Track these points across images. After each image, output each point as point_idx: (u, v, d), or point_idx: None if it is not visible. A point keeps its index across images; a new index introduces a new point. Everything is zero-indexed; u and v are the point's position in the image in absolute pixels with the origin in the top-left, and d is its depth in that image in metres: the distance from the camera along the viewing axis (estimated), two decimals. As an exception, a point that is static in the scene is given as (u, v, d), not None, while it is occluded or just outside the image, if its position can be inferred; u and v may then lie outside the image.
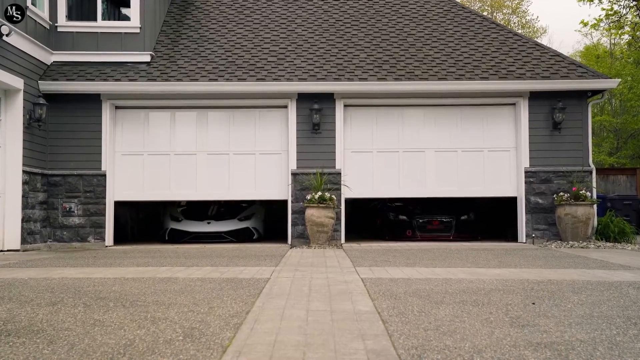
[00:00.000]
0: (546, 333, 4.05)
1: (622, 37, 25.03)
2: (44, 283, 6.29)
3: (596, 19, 22.02)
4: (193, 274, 7.11)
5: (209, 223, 13.72)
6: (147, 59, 13.09)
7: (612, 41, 35.99)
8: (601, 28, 23.41)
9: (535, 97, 12.66)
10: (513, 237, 13.23)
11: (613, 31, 23.18)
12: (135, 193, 12.98)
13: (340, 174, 12.60)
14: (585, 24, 22.67)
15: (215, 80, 12.60)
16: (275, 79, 12.63)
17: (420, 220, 13.53)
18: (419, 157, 13.03)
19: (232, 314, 4.66)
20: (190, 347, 3.64)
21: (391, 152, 13.03)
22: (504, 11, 39.30)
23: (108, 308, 4.87)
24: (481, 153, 13.00)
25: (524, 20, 39.52)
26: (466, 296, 5.50)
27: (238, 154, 12.99)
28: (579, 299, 5.36)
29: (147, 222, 17.52)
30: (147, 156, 12.99)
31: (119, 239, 13.55)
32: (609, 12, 21.41)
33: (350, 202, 18.93)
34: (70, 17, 12.98)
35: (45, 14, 12.43)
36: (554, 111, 12.45)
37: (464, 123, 13.06)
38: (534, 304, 5.13)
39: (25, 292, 5.68)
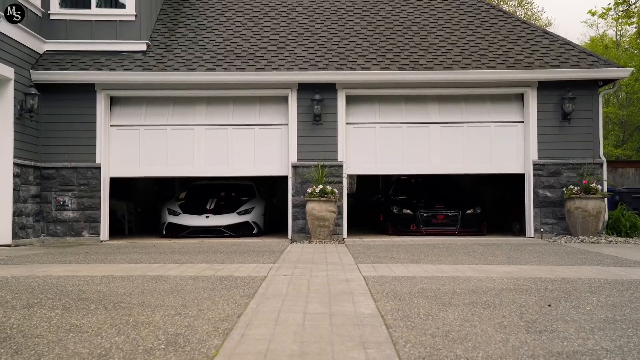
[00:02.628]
0: (567, 340, 3.67)
1: (630, 26, 24.52)
2: (26, 282, 5.91)
3: (604, 8, 21.53)
4: (186, 272, 6.73)
5: (207, 217, 13.34)
6: (143, 48, 12.68)
7: (619, 32, 35.45)
8: (609, 18, 22.90)
9: (544, 86, 12.22)
10: (520, 232, 12.84)
11: (621, 20, 22.68)
12: (131, 169, 12.54)
13: (342, 166, 12.20)
14: (594, 14, 22.19)
15: (214, 69, 12.19)
16: (275, 69, 12.22)
17: (425, 214, 13.13)
18: (423, 134, 12.56)
19: (222, 317, 4.29)
20: (172, 357, 3.27)
21: (395, 128, 12.56)
22: (510, 3, 38.73)
23: (88, 311, 4.50)
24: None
25: (529, 13, 39.00)
26: (476, 297, 5.12)
27: (238, 128, 12.54)
28: (597, 300, 4.97)
29: (145, 216, 17.19)
30: (144, 131, 12.55)
31: (115, 234, 13.21)
32: (618, 1, 20.89)
33: (353, 196, 18.55)
34: (63, 4, 12.58)
35: (37, 1, 12.02)
36: (563, 101, 12.01)
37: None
38: (549, 305, 4.74)
39: (1, 293, 5.29)
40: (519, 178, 12.62)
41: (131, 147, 12.50)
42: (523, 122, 12.45)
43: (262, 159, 12.52)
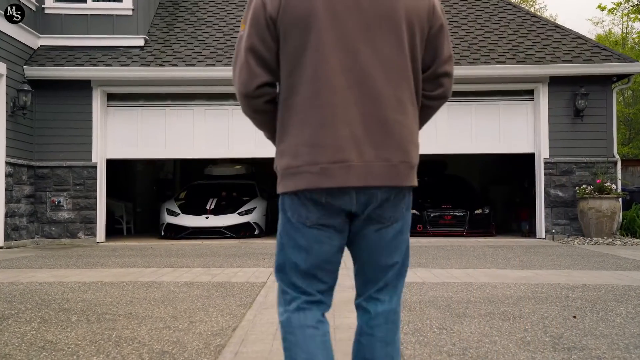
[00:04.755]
0: (600, 360, 3.26)
1: (638, 22, 24.05)
2: (7, 290, 5.51)
3: (615, 3, 21.06)
4: (180, 277, 6.33)
5: (207, 218, 12.94)
6: (141, 43, 12.28)
7: (625, 29, 34.95)
8: (619, 13, 22.44)
9: (555, 82, 11.75)
10: (530, 233, 12.41)
11: (632, 16, 22.21)
12: (129, 151, 12.14)
13: (346, 165, 11.75)
14: (603, 9, 21.73)
15: (213, 65, 11.79)
16: (276, 64, 11.78)
17: (432, 215, 12.70)
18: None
19: (215, 331, 3.88)
20: (154, 382, 2.87)
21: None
22: (513, 0, 38.25)
23: (68, 323, 4.09)
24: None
25: (532, 9, 38.52)
26: (492, 306, 4.71)
27: (238, 107, 12.06)
28: (626, 311, 4.55)
29: (145, 217, 16.82)
30: (142, 111, 12.11)
31: (114, 234, 12.84)
32: (629, -5, 20.45)
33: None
34: (58, -2, 12.18)
35: (31, -5, 11.64)
36: (576, 97, 11.54)
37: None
38: (575, 317, 4.32)
39: (-22, 302, 4.91)
40: (528, 178, 12.18)
41: (129, 129, 12.05)
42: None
43: (264, 141, 12.01)
